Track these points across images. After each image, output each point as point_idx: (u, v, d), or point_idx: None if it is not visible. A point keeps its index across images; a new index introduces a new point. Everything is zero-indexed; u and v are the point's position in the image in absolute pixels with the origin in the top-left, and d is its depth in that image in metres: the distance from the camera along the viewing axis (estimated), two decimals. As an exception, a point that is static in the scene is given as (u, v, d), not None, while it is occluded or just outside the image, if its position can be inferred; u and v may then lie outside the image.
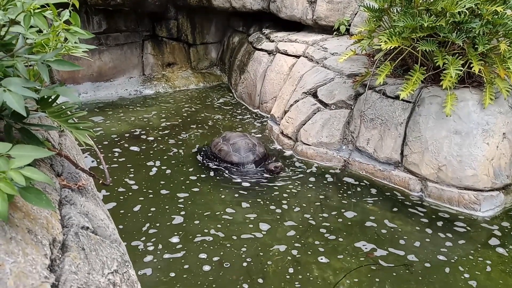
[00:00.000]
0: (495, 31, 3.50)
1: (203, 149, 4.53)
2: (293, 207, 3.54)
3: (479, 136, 3.44)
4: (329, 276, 2.84)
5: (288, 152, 4.51)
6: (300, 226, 3.29)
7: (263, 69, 5.63)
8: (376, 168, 3.96)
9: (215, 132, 5.03)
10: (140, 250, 3.04)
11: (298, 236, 3.17)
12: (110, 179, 1.83)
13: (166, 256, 2.97)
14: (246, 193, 3.76)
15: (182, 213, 3.45)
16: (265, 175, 4.05)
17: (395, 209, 3.51)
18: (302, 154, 4.37)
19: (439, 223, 3.33)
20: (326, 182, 3.95)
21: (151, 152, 4.56)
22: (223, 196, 3.69)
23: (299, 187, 3.86)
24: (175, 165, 4.26)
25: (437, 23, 3.39)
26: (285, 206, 3.54)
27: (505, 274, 2.82)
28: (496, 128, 3.46)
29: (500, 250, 3.05)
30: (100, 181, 1.71)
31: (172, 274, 2.80)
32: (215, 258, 2.96)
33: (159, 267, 2.87)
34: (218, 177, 4.02)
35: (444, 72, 3.49)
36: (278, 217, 3.40)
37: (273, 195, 3.72)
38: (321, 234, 3.21)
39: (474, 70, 3.41)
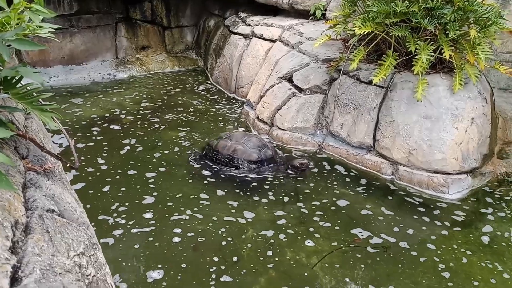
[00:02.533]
0: (466, 18, 3.57)
1: (201, 154, 4.11)
2: (268, 192, 3.57)
3: (448, 121, 3.53)
4: (303, 258, 2.89)
5: (264, 137, 4.52)
6: (276, 211, 3.32)
7: (239, 53, 5.59)
8: (349, 152, 4.01)
9: (190, 117, 4.99)
10: (110, 224, 3.08)
11: (274, 221, 3.20)
12: (78, 162, 1.80)
13: (135, 230, 3.02)
14: (218, 179, 3.77)
15: (155, 193, 3.47)
16: (288, 171, 3.82)
17: (367, 193, 3.58)
18: (278, 139, 4.39)
19: (410, 206, 3.41)
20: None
21: (124, 135, 4.51)
22: (205, 182, 3.70)
23: (274, 172, 3.88)
24: (149, 149, 4.22)
25: (409, 9, 3.43)
26: (260, 191, 3.56)
27: (470, 253, 2.93)
28: (465, 113, 3.55)
29: (466, 230, 3.15)
30: (68, 164, 1.68)
31: (137, 246, 2.87)
32: (190, 234, 3.00)
33: (124, 239, 2.93)
34: (193, 164, 4.01)
35: (416, 57, 3.54)
36: (254, 202, 3.41)
37: (247, 179, 3.74)
38: (296, 218, 3.25)
39: (445, 56, 3.47)
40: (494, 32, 3.61)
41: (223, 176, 3.78)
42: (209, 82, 6.15)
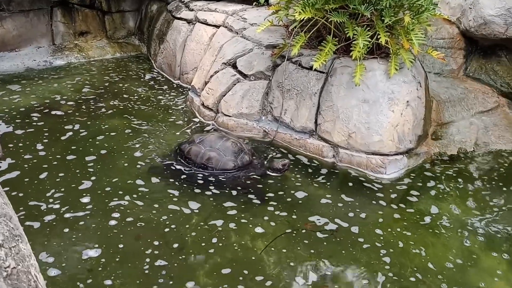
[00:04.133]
0: (401, 4, 3.71)
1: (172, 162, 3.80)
2: (211, 178, 3.57)
3: (385, 104, 3.67)
4: (248, 241, 2.93)
5: (209, 124, 4.49)
6: (219, 196, 3.33)
7: (183, 38, 5.49)
8: (293, 137, 4.08)
9: (134, 104, 4.86)
10: (43, 209, 3.04)
11: (222, 211, 3.21)
12: (2, 152, 1.70)
13: (69, 214, 3.01)
14: (163, 169, 3.72)
15: (93, 178, 3.44)
16: (270, 173, 3.65)
17: (310, 176, 3.67)
18: (223, 126, 4.38)
19: (350, 187, 3.55)
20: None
21: (65, 122, 4.36)
22: (150, 171, 3.65)
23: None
24: (91, 136, 4.11)
25: (347, -5, 3.51)
26: (205, 183, 3.52)
27: (405, 229, 3.10)
28: (400, 97, 3.71)
29: (402, 207, 3.32)
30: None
31: (70, 228, 2.89)
32: (129, 219, 2.99)
33: (54, 223, 2.93)
34: (136, 152, 3.93)
35: (353, 43, 3.64)
36: (199, 193, 3.38)
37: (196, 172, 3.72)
38: (239, 203, 3.29)
39: (381, 42, 3.59)
40: (427, 18, 3.78)
41: (171, 167, 3.73)
42: (153, 69, 6.01)
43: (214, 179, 3.53)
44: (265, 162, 3.79)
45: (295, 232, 3.01)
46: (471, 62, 4.84)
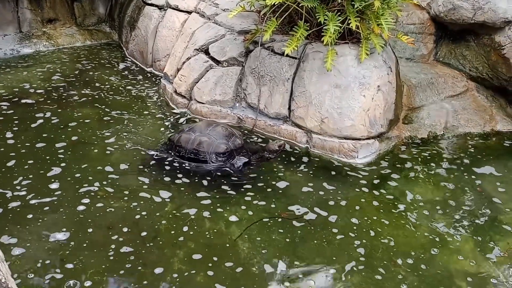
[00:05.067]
0: (371, -11, 3.71)
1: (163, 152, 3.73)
2: (185, 165, 3.55)
3: (356, 89, 3.70)
4: (222, 228, 2.94)
5: (182, 111, 4.45)
6: (194, 185, 3.33)
7: (154, 25, 5.39)
8: (267, 123, 4.08)
9: (105, 92, 4.76)
10: (8, 197, 3.02)
11: (191, 195, 3.21)
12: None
13: (36, 200, 3.02)
14: (138, 157, 3.68)
15: (63, 165, 3.43)
16: (265, 156, 3.67)
17: (285, 162, 3.69)
18: (197, 113, 4.34)
19: (324, 172, 3.59)
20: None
21: (36, 110, 4.29)
22: (121, 158, 3.62)
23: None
24: (62, 124, 4.06)
25: (318, -20, 3.50)
26: (175, 173, 3.49)
27: (377, 212, 3.16)
28: (371, 81, 3.74)
29: (375, 191, 3.38)
30: None
31: (30, 216, 2.88)
32: (99, 204, 2.99)
33: (18, 210, 2.92)
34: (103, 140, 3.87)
35: (324, 28, 3.64)
36: (170, 182, 3.36)
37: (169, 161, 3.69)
38: (213, 190, 3.28)
39: (352, 27, 3.60)
40: (397, 3, 3.81)
41: (142, 152, 3.69)
42: (125, 57, 5.88)
43: (187, 169, 3.52)
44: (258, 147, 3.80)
45: (271, 221, 3.01)
46: (441, 47, 4.91)
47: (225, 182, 3.38)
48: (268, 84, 4.06)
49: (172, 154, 3.63)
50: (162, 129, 4.13)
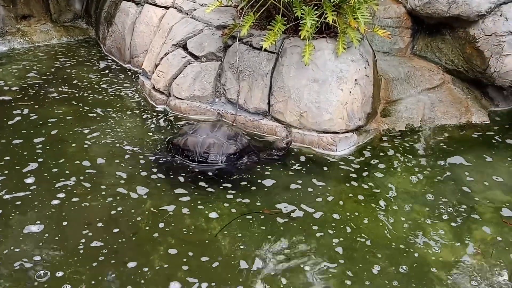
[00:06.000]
0: (347, -16, 3.73)
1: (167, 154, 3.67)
2: (161, 159, 3.54)
3: (334, 83, 3.73)
4: (202, 224, 2.94)
5: (161, 108, 4.41)
6: (173, 181, 3.31)
7: (131, 21, 5.33)
8: (247, 118, 4.08)
9: (83, 89, 4.69)
10: None
11: (169, 192, 3.20)
12: None
13: (9, 195, 3.01)
14: (113, 151, 3.65)
15: (40, 160, 3.42)
16: (273, 154, 3.64)
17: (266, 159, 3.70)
18: (176, 109, 4.31)
19: (304, 166, 3.60)
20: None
21: (12, 107, 4.24)
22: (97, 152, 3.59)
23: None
24: (39, 122, 4.00)
25: (294, -26, 3.50)
26: (150, 168, 3.49)
27: (356, 204, 3.20)
28: (349, 75, 3.77)
29: (354, 183, 3.42)
30: None
31: (0, 211, 2.88)
32: (75, 199, 3.00)
33: None
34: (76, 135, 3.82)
35: (301, 22, 3.65)
36: (147, 177, 3.35)
37: (142, 149, 3.66)
38: (193, 187, 3.27)
39: (329, 21, 3.62)
40: (373, -3, 3.84)
41: (118, 146, 3.66)
42: (103, 53, 5.79)
43: (164, 164, 3.51)
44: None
45: (254, 217, 3.01)
46: (417, 41, 4.97)
47: (204, 178, 3.37)
48: (247, 79, 4.05)
49: (180, 158, 3.56)
50: (141, 126, 4.09)
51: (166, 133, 3.97)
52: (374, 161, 3.70)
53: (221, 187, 3.29)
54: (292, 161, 3.65)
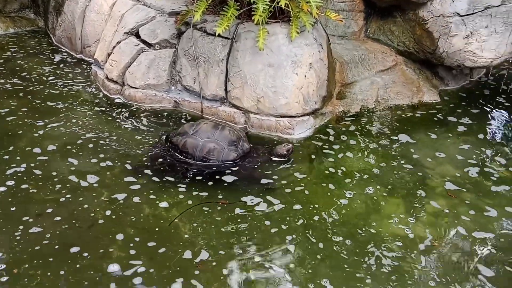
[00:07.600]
0: (298, -33, 3.74)
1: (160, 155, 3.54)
2: (122, 152, 3.49)
3: (289, 67, 3.75)
4: (162, 212, 2.92)
5: (115, 97, 4.31)
6: (126, 177, 3.26)
7: (81, 9, 5.13)
8: (205, 105, 4.06)
9: (34, 83, 4.50)
10: None
11: (125, 185, 3.16)
12: None
13: None
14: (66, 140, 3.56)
15: None
16: (274, 159, 3.51)
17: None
18: (131, 98, 4.23)
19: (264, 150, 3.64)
20: (160, 123, 3.94)
21: None
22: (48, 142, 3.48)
23: (132, 131, 3.78)
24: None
25: (245, -42, 3.47)
26: (114, 155, 3.45)
27: (315, 185, 3.27)
28: (303, 59, 3.80)
29: (311, 164, 3.50)
30: None
31: None
32: (24, 186, 2.98)
33: None
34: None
35: (254, 7, 3.64)
36: (95, 164, 3.32)
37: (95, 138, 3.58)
38: (151, 177, 3.24)
39: (281, 5, 3.62)
40: (324, -19, 3.87)
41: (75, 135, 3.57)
42: (52, 43, 5.57)
43: (121, 145, 3.45)
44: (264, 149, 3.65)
45: (210, 209, 3.01)
46: (371, 24, 5.07)
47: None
48: (202, 65, 4.01)
49: (177, 158, 3.47)
50: (95, 116, 3.99)
51: (122, 122, 3.90)
52: (330, 142, 3.78)
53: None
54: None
